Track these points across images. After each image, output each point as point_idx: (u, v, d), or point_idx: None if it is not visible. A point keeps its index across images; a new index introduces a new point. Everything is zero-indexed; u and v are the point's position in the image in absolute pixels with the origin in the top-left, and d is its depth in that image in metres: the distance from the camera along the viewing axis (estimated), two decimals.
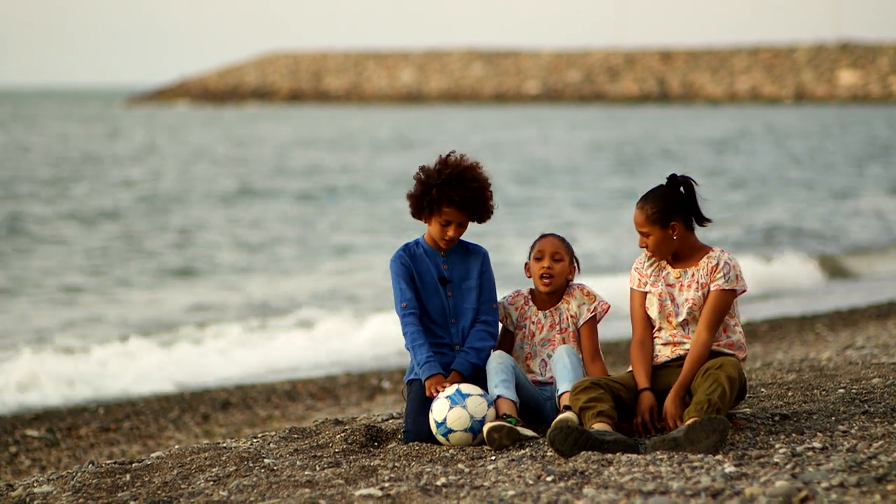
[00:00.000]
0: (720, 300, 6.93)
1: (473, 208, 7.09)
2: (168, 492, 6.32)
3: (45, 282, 20.27)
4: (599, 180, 39.42)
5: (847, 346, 11.92)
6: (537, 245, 7.31)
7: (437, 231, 7.12)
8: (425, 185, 7.08)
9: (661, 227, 6.94)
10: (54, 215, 29.43)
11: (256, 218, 29.52)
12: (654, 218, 6.94)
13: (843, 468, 5.76)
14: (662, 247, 6.97)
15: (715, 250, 7.03)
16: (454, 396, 6.84)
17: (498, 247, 22.91)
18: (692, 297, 6.97)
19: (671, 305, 7.01)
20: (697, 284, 6.98)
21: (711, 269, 6.97)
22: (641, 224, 6.96)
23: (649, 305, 7.06)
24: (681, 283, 7.02)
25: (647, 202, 6.95)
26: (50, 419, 11.53)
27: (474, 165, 7.11)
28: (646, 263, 7.11)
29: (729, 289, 6.94)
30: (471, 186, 7.06)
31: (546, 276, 7.23)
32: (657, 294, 7.03)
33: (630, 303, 7.15)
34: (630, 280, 7.16)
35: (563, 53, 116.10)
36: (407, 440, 7.00)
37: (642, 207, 6.96)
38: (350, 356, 15.00)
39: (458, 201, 7.04)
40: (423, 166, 7.14)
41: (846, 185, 37.12)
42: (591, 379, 6.83)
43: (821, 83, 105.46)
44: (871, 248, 24.70)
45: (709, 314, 6.92)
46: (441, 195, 7.03)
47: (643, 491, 5.59)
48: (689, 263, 7.03)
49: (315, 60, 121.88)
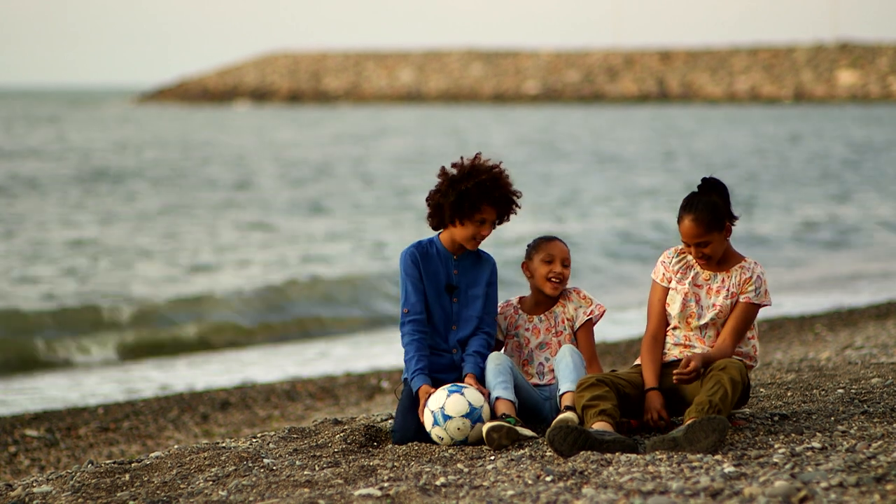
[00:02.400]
0: (747, 313, 6.91)
1: (506, 208, 7.12)
2: (167, 492, 6.32)
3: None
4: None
5: (846, 346, 11.92)
6: (545, 248, 7.28)
7: (471, 232, 7.09)
8: (463, 186, 7.04)
9: (719, 230, 6.88)
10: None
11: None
12: (713, 225, 6.86)
13: (843, 468, 5.76)
14: (720, 249, 6.91)
15: (749, 261, 6.98)
16: (452, 387, 6.86)
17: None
18: (720, 303, 6.94)
19: (695, 307, 6.97)
20: (728, 292, 6.93)
21: (745, 280, 6.92)
22: (700, 235, 6.85)
23: (670, 302, 7.02)
24: (709, 286, 6.97)
25: (697, 211, 6.85)
26: (49, 419, 11.53)
27: (499, 165, 7.15)
28: (674, 259, 7.06)
29: (757, 303, 6.93)
30: (506, 185, 7.10)
31: (556, 280, 7.23)
32: (682, 293, 6.99)
33: (650, 295, 7.12)
34: (654, 272, 7.11)
35: (563, 53, 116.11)
36: (394, 440, 7.01)
37: (696, 218, 6.84)
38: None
39: (496, 199, 7.05)
40: (449, 171, 7.10)
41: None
42: (597, 376, 6.82)
43: (820, 83, 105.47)
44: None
45: (735, 324, 6.89)
46: (482, 194, 7.02)
47: (642, 491, 5.59)
48: (722, 268, 6.99)
49: (314, 60, 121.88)
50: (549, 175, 41.03)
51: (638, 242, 25.41)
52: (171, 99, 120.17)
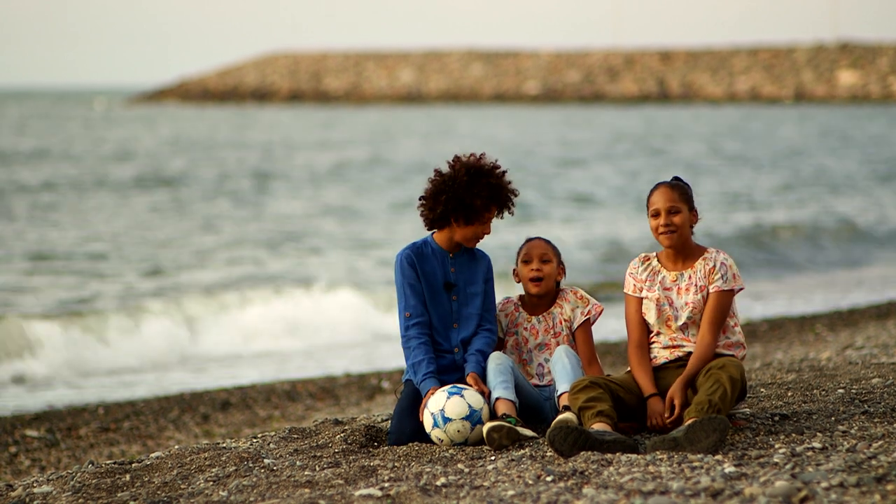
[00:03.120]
0: (720, 301, 6.94)
1: (506, 207, 7.14)
2: (168, 492, 6.32)
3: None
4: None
5: (847, 346, 11.92)
6: (524, 249, 7.31)
7: (473, 231, 7.10)
8: (471, 188, 7.03)
9: (689, 207, 6.98)
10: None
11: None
12: (685, 197, 6.97)
13: (843, 468, 5.76)
14: (686, 228, 6.97)
15: (710, 251, 7.04)
16: (451, 389, 6.86)
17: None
18: (692, 300, 6.97)
19: (670, 309, 7.00)
20: (696, 287, 6.97)
21: (709, 271, 6.97)
22: (673, 200, 6.94)
23: (646, 311, 7.05)
24: (678, 287, 7.01)
25: (671, 182, 7.00)
26: (49, 419, 11.53)
27: (499, 164, 7.17)
28: (640, 268, 7.10)
29: (727, 289, 6.95)
30: (507, 185, 7.13)
31: (535, 280, 7.24)
32: (654, 299, 7.02)
33: (626, 308, 7.15)
34: (625, 285, 7.15)
35: (563, 54, 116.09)
36: (389, 442, 7.00)
37: (671, 187, 6.98)
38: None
39: (502, 199, 7.09)
40: (446, 172, 7.10)
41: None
42: (590, 378, 6.83)
43: (820, 83, 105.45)
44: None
45: (711, 316, 6.92)
46: (493, 194, 7.05)
47: (643, 491, 5.59)
48: (686, 265, 7.03)
49: (315, 61, 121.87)
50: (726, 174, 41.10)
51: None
52: (170, 99, 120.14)
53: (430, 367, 6.99)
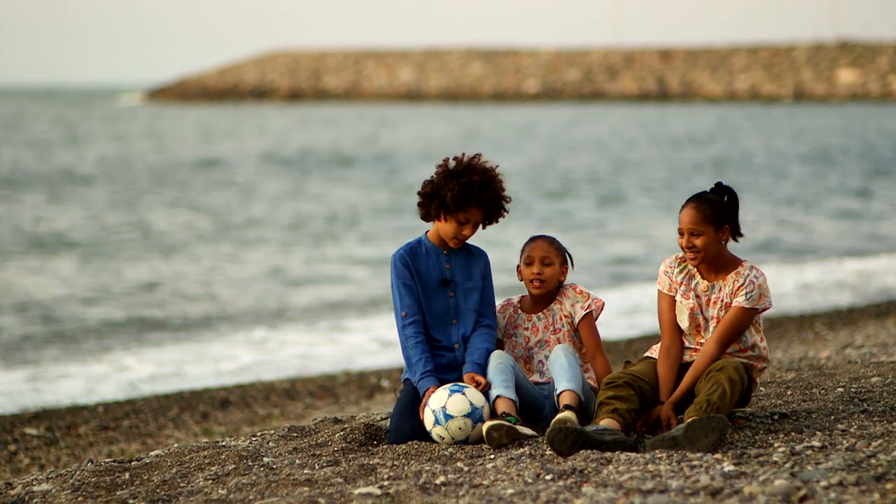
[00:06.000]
0: (739, 317, 6.86)
1: (493, 211, 7.08)
2: (167, 490, 6.32)
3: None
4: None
5: (846, 345, 11.92)
6: (527, 249, 7.30)
7: (452, 230, 7.07)
8: (450, 181, 7.01)
9: (715, 228, 6.85)
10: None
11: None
12: (710, 219, 6.84)
13: (842, 467, 5.76)
14: (711, 249, 6.86)
15: (745, 265, 6.93)
16: (453, 387, 6.86)
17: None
18: (716, 315, 6.91)
19: (701, 319, 6.94)
20: (722, 303, 6.89)
21: (737, 288, 6.88)
22: (695, 223, 6.83)
23: (679, 315, 6.98)
24: (708, 297, 6.94)
25: (700, 202, 6.86)
26: (49, 417, 11.53)
27: (495, 169, 7.11)
28: (675, 269, 7.02)
29: (749, 307, 6.88)
30: (496, 189, 7.05)
31: (536, 281, 7.24)
32: (688, 307, 6.95)
33: (658, 305, 7.06)
34: (658, 282, 7.06)
35: (563, 52, 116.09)
36: (388, 440, 7.00)
37: (697, 207, 6.85)
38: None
39: (483, 201, 7.01)
40: (443, 167, 7.08)
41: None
42: (627, 378, 6.78)
43: (820, 82, 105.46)
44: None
45: (723, 329, 6.85)
46: (468, 193, 6.99)
47: (642, 489, 5.59)
48: (719, 276, 6.94)
49: (314, 59, 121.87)
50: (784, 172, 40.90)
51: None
52: (170, 98, 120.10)
53: (427, 365, 6.99)
